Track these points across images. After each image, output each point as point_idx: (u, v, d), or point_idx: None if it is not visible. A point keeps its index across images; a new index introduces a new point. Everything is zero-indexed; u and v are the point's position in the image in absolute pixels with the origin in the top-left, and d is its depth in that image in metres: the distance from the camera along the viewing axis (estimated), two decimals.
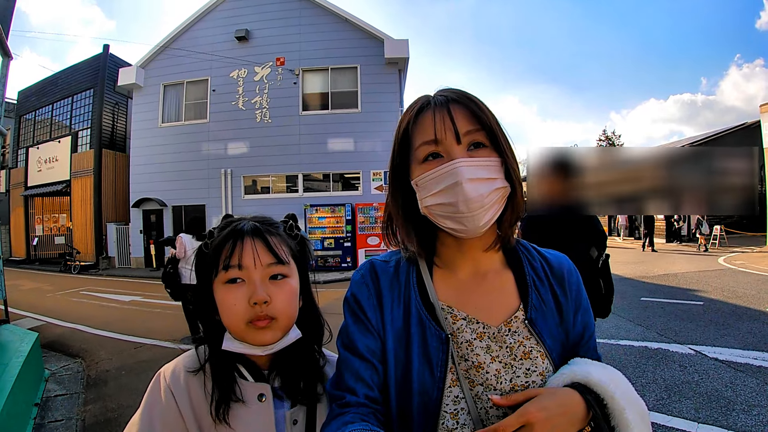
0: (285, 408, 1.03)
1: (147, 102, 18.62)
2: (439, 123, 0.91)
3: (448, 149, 0.91)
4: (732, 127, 24.23)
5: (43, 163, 21.46)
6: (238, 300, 0.97)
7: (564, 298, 1.01)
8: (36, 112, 22.74)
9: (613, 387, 0.84)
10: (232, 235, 1.02)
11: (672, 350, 5.72)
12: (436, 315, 0.95)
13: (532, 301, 0.98)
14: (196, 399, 0.98)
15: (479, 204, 0.89)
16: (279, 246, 1.03)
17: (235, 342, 1.00)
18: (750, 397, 4.26)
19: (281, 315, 0.99)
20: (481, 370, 0.91)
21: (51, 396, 4.86)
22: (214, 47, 17.65)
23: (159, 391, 0.98)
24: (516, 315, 0.96)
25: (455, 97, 0.94)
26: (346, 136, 16.83)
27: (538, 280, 1.02)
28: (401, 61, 16.94)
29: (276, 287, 1.00)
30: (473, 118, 0.92)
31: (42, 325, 8.12)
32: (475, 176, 0.89)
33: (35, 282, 14.88)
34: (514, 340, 0.93)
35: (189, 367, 1.02)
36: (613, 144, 53.00)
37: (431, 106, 0.94)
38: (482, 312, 0.96)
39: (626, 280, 11.51)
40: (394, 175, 1.02)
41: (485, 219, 0.90)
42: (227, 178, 17.41)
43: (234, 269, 0.98)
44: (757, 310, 7.67)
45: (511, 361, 0.92)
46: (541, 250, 1.09)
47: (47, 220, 22.82)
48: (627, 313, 7.81)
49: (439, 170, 0.90)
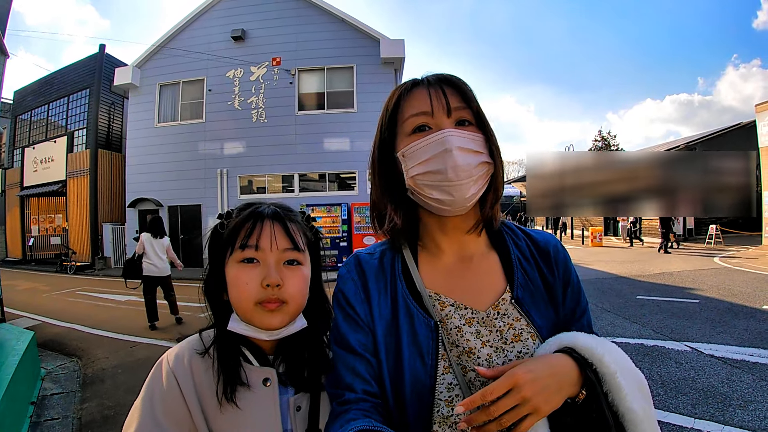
0: (289, 394, 1.03)
1: (143, 102, 18.57)
2: (433, 96, 0.94)
3: (438, 122, 0.93)
4: (728, 127, 24.36)
5: (39, 163, 21.38)
6: (252, 279, 0.97)
7: (551, 276, 1.01)
8: (32, 112, 22.62)
9: (601, 350, 0.83)
10: (252, 216, 1.03)
11: (668, 347, 5.77)
12: (423, 303, 0.96)
13: (518, 280, 0.98)
14: (200, 383, 0.97)
15: (467, 173, 0.90)
16: (296, 232, 1.04)
17: (241, 324, 1.00)
18: (746, 392, 4.31)
19: (292, 300, 0.99)
20: (473, 356, 0.91)
21: (47, 394, 4.87)
22: (210, 47, 17.63)
23: (161, 376, 0.97)
24: (503, 297, 0.96)
25: (447, 77, 0.97)
26: (342, 136, 16.83)
27: (524, 259, 1.02)
28: (397, 60, 16.97)
29: (289, 272, 1.00)
30: (462, 96, 0.95)
31: (38, 325, 8.10)
32: (464, 146, 0.91)
33: (31, 282, 14.83)
34: (503, 323, 0.94)
35: (196, 348, 1.02)
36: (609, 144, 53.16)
37: (424, 84, 0.97)
38: (470, 297, 0.97)
39: (622, 279, 11.58)
40: (381, 150, 1.02)
41: (472, 191, 0.92)
42: (223, 178, 17.38)
43: (251, 249, 0.99)
44: (752, 307, 7.75)
45: (501, 345, 0.92)
46: (526, 230, 1.10)
47: (43, 221, 22.74)
48: (623, 311, 7.89)
49: (429, 138, 0.92)
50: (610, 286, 10.51)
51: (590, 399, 0.80)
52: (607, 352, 0.83)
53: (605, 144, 53.36)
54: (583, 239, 25.23)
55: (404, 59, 17.10)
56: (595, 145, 53.98)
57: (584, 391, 0.80)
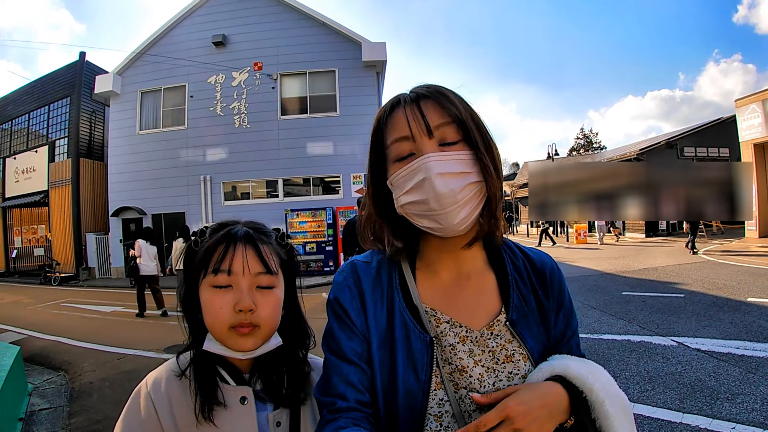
0: (268, 410, 1.04)
1: (124, 109, 18.45)
2: (410, 118, 0.90)
3: (419, 145, 0.89)
4: (708, 122, 24.68)
5: (21, 173, 21.13)
6: (225, 305, 0.97)
7: (546, 298, 1.01)
8: (12, 121, 22.32)
9: (592, 379, 0.84)
10: (224, 238, 1.02)
11: (655, 342, 5.81)
12: (420, 318, 0.95)
13: (513, 302, 0.97)
14: (178, 405, 0.98)
15: (451, 200, 0.86)
16: (269, 255, 1.03)
17: (216, 344, 1.00)
18: (733, 385, 4.34)
19: (264, 323, 0.99)
20: (465, 374, 0.91)
21: (35, 410, 4.85)
22: (191, 53, 17.59)
23: (139, 400, 0.99)
24: (498, 318, 0.96)
25: (425, 92, 0.92)
26: (326, 139, 16.90)
27: (520, 280, 1.01)
28: (379, 63, 17.10)
29: (262, 296, 1.00)
30: (443, 110, 0.90)
31: (23, 339, 8.02)
32: (445, 170, 0.87)
33: (15, 295, 14.68)
34: (496, 344, 0.94)
35: (173, 370, 1.03)
36: (591, 142, 53.78)
37: (401, 104, 0.93)
38: (465, 315, 0.96)
39: (607, 276, 11.69)
40: (372, 175, 1.01)
41: (461, 216, 0.88)
42: (207, 185, 17.34)
43: (223, 274, 0.98)
44: (737, 300, 7.83)
45: (493, 365, 0.92)
46: (524, 249, 1.09)
47: (26, 232, 22.49)
48: (609, 307, 7.95)
49: (409, 167, 0.89)
50: (596, 283, 10.60)
51: (578, 425, 0.83)
52: (596, 380, 0.85)
53: (587, 141, 54.04)
54: (568, 237, 25.52)
55: (386, 62, 17.23)
56: (578, 143, 54.60)
57: (572, 418, 0.83)
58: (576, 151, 52.75)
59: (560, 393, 0.82)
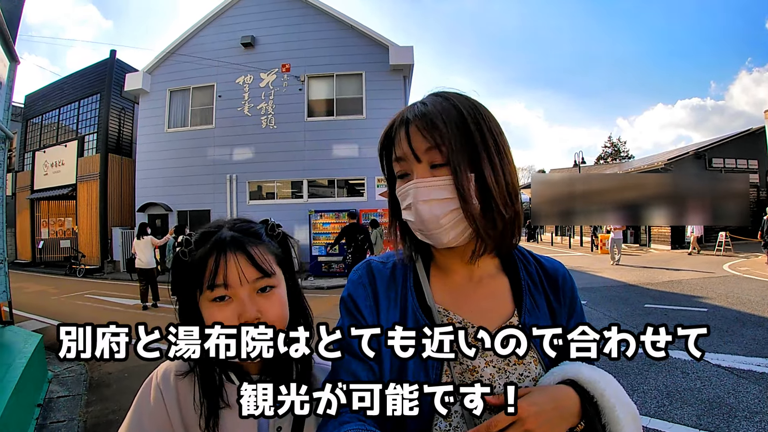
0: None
1: (153, 107, 18.75)
2: (404, 142, 0.92)
3: (411, 168, 0.93)
4: (737, 133, 24.22)
5: (50, 166, 21.57)
6: (227, 318, 0.93)
7: (557, 304, 1.03)
8: (43, 116, 22.83)
9: (603, 384, 0.85)
10: (213, 248, 0.97)
11: (674, 357, 5.63)
12: (432, 317, 0.96)
13: (526, 305, 0.99)
14: (185, 402, 0.98)
15: (435, 225, 0.89)
16: (263, 257, 0.99)
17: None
18: (752, 403, 4.25)
19: (274, 323, 0.95)
20: (476, 374, 0.92)
21: (54, 397, 4.92)
22: (220, 53, 17.79)
23: (149, 390, 1.00)
24: (510, 321, 0.97)
25: (417, 114, 0.92)
26: (351, 142, 16.91)
27: (533, 284, 1.03)
28: (406, 67, 17.05)
29: (264, 299, 0.98)
30: (428, 135, 0.90)
31: (46, 328, 8.12)
32: (428, 197, 0.89)
33: (40, 285, 14.95)
34: None
35: (178, 370, 1.01)
36: (619, 150, 52.82)
37: (404, 123, 0.94)
38: (477, 317, 0.97)
39: (631, 287, 11.50)
40: (389, 183, 1.04)
41: (450, 236, 0.91)
42: (232, 184, 17.52)
43: (220, 288, 0.95)
44: (761, 316, 7.65)
45: (504, 366, 0.93)
46: (537, 256, 1.11)
47: (53, 224, 22.93)
48: (630, 319, 7.83)
49: (404, 188, 0.94)
50: (618, 294, 10.45)
51: (589, 429, 0.84)
52: (607, 386, 0.86)
53: (615, 150, 53.06)
54: (593, 247, 25.07)
55: (413, 66, 17.17)
56: (605, 151, 53.67)
57: (583, 422, 0.84)
58: (603, 159, 51.33)
59: (572, 396, 0.84)
